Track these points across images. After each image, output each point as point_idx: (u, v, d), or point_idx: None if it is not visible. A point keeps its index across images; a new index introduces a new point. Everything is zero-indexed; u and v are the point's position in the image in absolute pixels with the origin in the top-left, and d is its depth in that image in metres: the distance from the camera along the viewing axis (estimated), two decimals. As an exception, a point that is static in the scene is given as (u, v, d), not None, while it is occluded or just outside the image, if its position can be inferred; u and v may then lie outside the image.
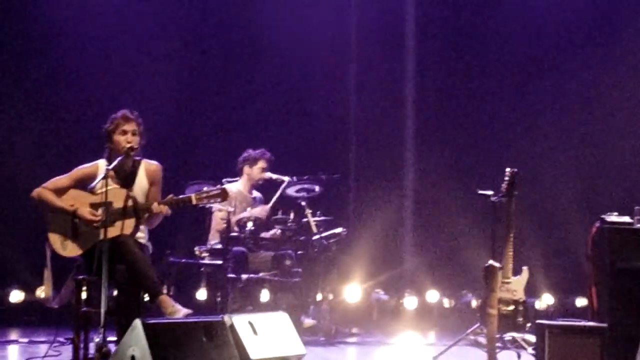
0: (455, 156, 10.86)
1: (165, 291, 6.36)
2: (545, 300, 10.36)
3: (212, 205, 8.06)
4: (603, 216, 7.09)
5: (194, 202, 6.44)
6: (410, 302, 10.31)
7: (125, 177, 6.54)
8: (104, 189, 6.05)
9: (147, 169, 6.64)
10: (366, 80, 11.02)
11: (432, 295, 10.47)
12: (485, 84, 10.98)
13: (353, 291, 9.77)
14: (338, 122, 11.01)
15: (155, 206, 6.34)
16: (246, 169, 8.93)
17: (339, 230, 8.81)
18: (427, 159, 10.89)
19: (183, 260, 8.64)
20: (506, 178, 7.47)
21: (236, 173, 8.95)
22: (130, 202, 6.32)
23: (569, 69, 10.78)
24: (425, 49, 11.07)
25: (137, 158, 6.60)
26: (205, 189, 6.58)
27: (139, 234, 6.50)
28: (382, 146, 10.92)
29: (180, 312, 6.02)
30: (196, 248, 8.59)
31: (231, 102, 10.84)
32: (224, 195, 6.49)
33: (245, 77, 10.88)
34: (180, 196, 6.60)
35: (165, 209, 6.36)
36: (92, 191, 6.39)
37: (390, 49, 11.05)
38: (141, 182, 6.60)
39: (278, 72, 10.85)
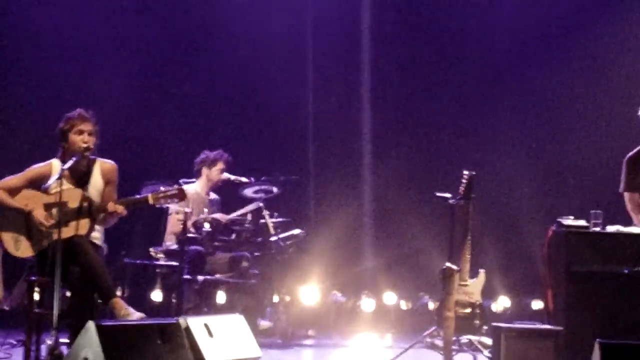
0: (413, 159, 10.87)
1: (118, 294, 6.30)
2: (502, 303, 10.39)
3: (168, 205, 8.00)
4: (559, 219, 7.13)
5: (151, 202, 6.39)
6: (367, 304, 10.30)
7: (80, 177, 6.47)
8: (58, 189, 5.98)
9: (102, 169, 6.57)
10: (324, 81, 10.99)
11: (390, 297, 10.46)
12: (442, 86, 11.00)
13: (310, 293, 9.73)
14: (296, 124, 10.98)
15: (110, 206, 6.28)
16: (204, 170, 8.88)
17: (296, 231, 8.79)
18: (385, 161, 10.89)
19: (138, 262, 8.56)
20: (463, 181, 7.48)
21: (194, 174, 8.89)
22: (85, 202, 6.25)
23: (526, 73, 10.82)
24: (382, 51, 11.06)
25: (92, 157, 6.53)
26: (162, 188, 6.52)
27: (94, 235, 6.44)
28: (341, 148, 10.90)
29: (133, 315, 5.95)
30: (152, 249, 8.53)
31: (189, 102, 10.77)
32: (181, 196, 6.45)
33: (203, 77, 10.82)
34: (137, 196, 6.54)
35: (121, 209, 6.30)
36: (46, 191, 6.31)
37: (348, 50, 11.04)
38: (96, 182, 6.53)
39: (237, 73, 10.79)
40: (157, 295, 8.89)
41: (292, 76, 10.93)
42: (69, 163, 6.18)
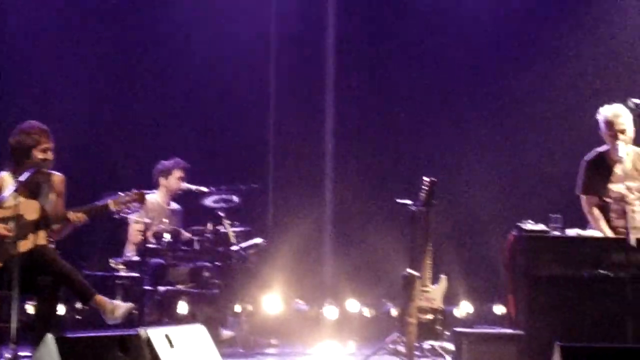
0: (374, 165, 10.87)
1: (78, 306, 6.28)
2: (464, 308, 10.41)
3: (128, 216, 7.95)
4: (519, 224, 7.16)
5: (112, 208, 6.37)
6: (330, 311, 10.28)
7: (32, 190, 6.42)
8: (13, 202, 5.94)
9: (52, 180, 6.56)
10: (285, 89, 10.97)
11: (352, 305, 10.46)
12: (404, 93, 11.01)
13: (272, 302, 9.72)
14: (257, 132, 10.94)
15: (71, 215, 6.25)
16: (162, 180, 8.85)
17: (258, 240, 8.76)
18: (346, 169, 10.89)
19: (98, 273, 8.49)
20: (424, 187, 7.51)
21: (152, 185, 8.84)
22: (42, 214, 6.22)
23: (487, 79, 10.85)
24: (345, 58, 11.06)
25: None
26: (120, 194, 6.50)
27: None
28: (301, 155, 10.87)
29: (121, 308, 5.93)
30: (112, 260, 8.46)
31: (147, 111, 10.68)
32: (141, 199, 6.43)
33: (161, 86, 10.74)
34: (97, 202, 6.52)
35: (82, 217, 6.28)
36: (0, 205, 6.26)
37: (310, 57, 11.02)
38: (48, 194, 6.49)
39: (195, 82, 10.73)
40: (117, 307, 8.80)
41: (252, 83, 10.90)
42: (25, 176, 6.13)
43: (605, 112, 7.34)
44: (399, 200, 7.83)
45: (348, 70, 11.06)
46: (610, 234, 7.14)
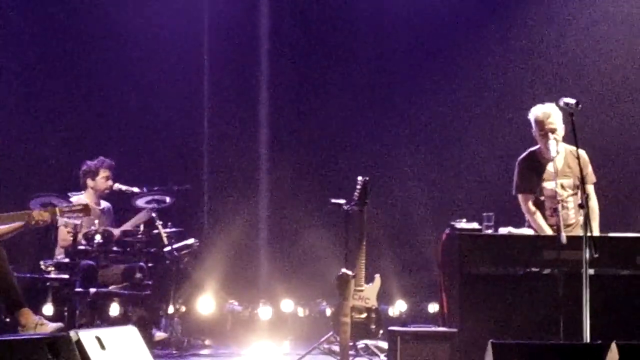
0: (309, 166, 10.85)
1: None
2: (399, 307, 10.44)
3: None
4: (452, 223, 7.20)
5: (58, 215, 6.32)
6: (264, 312, 10.24)
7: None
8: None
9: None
10: (219, 89, 10.89)
11: (287, 305, 10.43)
12: (338, 93, 11.00)
13: (206, 303, 9.67)
14: (190, 132, 10.85)
15: (35, 213, 6.20)
16: (89, 182, 8.74)
17: (190, 241, 8.69)
18: (281, 169, 10.84)
19: (28, 275, 8.34)
20: (358, 187, 7.51)
21: (80, 187, 8.73)
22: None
23: (421, 79, 10.89)
24: (279, 59, 11.02)
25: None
26: (65, 205, 6.42)
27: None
28: (236, 156, 10.80)
29: (48, 327, 5.84)
30: (42, 262, 8.33)
31: (77, 110, 10.51)
32: (87, 211, 6.39)
33: (93, 84, 10.59)
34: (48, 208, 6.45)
35: (47, 216, 6.24)
36: None
37: (244, 57, 10.95)
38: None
39: (128, 80, 10.59)
40: (48, 309, 8.66)
41: (185, 83, 10.80)
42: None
43: (536, 111, 7.41)
44: (333, 200, 7.83)
45: (282, 70, 11.02)
46: (549, 231, 7.19)
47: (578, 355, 5.38)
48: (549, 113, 7.31)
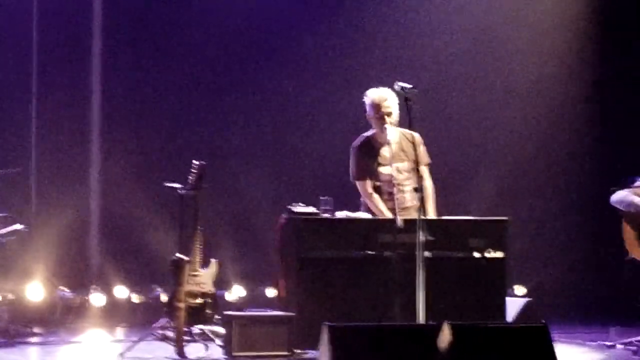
0: (143, 149, 10.63)
1: None
2: (236, 292, 10.41)
3: None
4: (289, 207, 7.17)
5: None
6: (97, 298, 10.00)
7: None
8: None
9: None
10: (49, 68, 10.51)
11: (121, 291, 10.22)
12: (172, 76, 10.81)
13: (35, 290, 9.37)
14: (17, 114, 10.42)
15: None
16: None
17: (17, 226, 8.42)
18: (114, 152, 10.58)
19: None
20: (193, 171, 7.40)
21: None
22: None
23: (257, 61, 10.86)
24: (112, 38, 10.73)
25: None
26: None
27: None
28: (66, 138, 10.46)
29: None
30: None
31: None
32: None
33: None
34: None
35: None
36: None
37: (76, 37, 10.62)
38: None
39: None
40: None
41: (12, 62, 10.36)
42: None
43: (372, 95, 7.46)
44: (167, 184, 7.69)
45: (115, 51, 10.73)
46: (389, 214, 7.21)
47: (412, 336, 5.44)
48: (385, 97, 7.37)
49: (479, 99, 11.03)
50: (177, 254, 7.18)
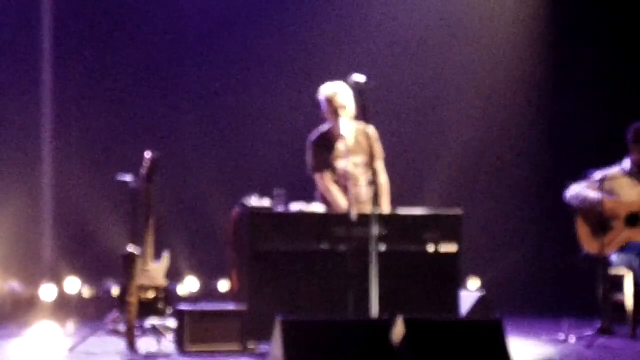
0: (95, 141, 10.54)
1: None
2: (189, 285, 10.36)
3: None
4: (243, 200, 7.12)
5: None
6: (47, 292, 9.89)
7: None
8: None
9: None
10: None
11: (72, 285, 10.12)
12: (126, 68, 10.73)
13: (-18, 284, 9.27)
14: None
15: None
16: None
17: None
18: (66, 143, 10.48)
19: None
20: (146, 164, 7.34)
21: None
22: None
23: (210, 55, 10.81)
24: (63, 37, 10.60)
25: None
26: None
27: None
28: (17, 128, 10.35)
29: None
30: None
31: None
32: None
33: None
34: None
35: None
36: None
37: (27, 25, 10.49)
38: None
39: None
40: None
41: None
42: None
43: (326, 90, 7.43)
44: (119, 178, 7.62)
45: (66, 46, 10.61)
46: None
47: (366, 330, 5.43)
48: (338, 91, 7.34)
49: (434, 93, 11.08)
50: (129, 248, 7.11)
